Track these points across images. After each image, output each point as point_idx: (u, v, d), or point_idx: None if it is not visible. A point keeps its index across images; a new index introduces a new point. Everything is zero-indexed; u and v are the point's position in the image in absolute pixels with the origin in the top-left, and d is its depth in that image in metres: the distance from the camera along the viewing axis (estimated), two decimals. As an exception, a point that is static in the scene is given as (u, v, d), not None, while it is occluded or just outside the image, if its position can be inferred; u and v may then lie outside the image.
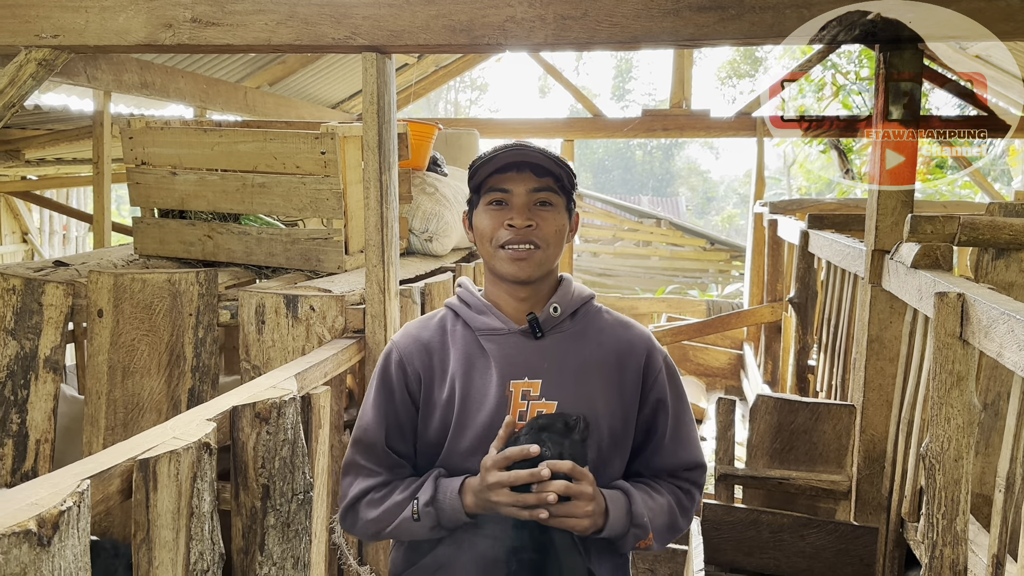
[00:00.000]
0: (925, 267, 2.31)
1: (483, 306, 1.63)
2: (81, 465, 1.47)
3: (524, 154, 1.54)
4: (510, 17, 2.56)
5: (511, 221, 1.54)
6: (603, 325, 1.66)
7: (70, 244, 9.98)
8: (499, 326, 1.60)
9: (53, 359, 2.89)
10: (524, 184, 1.55)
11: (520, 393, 1.55)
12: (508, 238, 1.55)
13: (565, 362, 1.59)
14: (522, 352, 1.58)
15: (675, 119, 7.21)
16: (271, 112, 6.30)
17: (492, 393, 1.55)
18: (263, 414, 1.85)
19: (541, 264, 1.57)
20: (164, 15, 2.69)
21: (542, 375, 1.57)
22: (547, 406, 1.55)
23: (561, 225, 1.59)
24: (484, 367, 1.58)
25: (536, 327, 1.59)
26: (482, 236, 1.59)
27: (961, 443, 1.87)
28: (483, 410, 1.56)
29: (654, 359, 1.64)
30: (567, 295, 1.64)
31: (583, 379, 1.58)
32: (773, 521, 2.71)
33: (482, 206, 1.59)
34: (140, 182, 3.48)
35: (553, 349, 1.59)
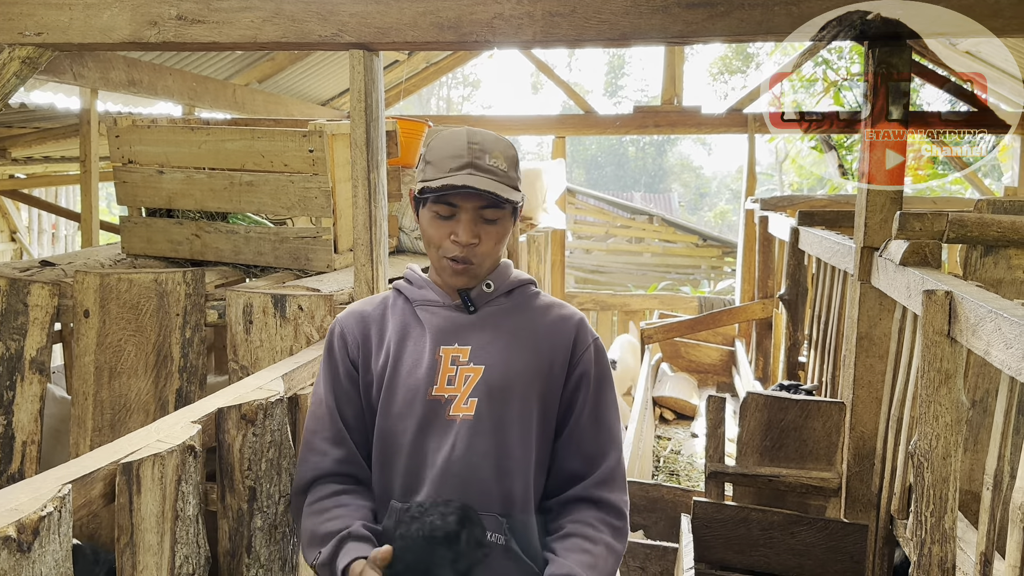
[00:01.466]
0: (914, 264, 2.31)
1: (423, 281, 1.73)
2: (63, 469, 1.46)
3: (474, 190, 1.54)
4: (498, 14, 2.55)
5: (456, 238, 1.59)
6: (537, 305, 1.72)
7: (59, 243, 9.93)
8: (435, 299, 1.69)
9: (39, 360, 2.87)
10: (473, 203, 1.58)
11: (449, 358, 1.62)
12: (452, 252, 1.60)
13: (495, 332, 1.66)
14: (454, 322, 1.66)
15: (666, 115, 7.21)
16: (260, 109, 6.27)
17: (424, 358, 1.63)
18: (249, 416, 1.84)
19: (477, 276, 1.66)
20: (149, 12, 2.67)
21: (471, 341, 1.63)
22: (475, 370, 1.61)
23: (504, 232, 1.65)
24: (419, 335, 1.66)
25: (468, 301, 1.67)
26: (428, 240, 1.65)
27: (949, 441, 1.87)
28: (414, 374, 1.62)
29: (583, 337, 1.69)
30: (502, 275, 1.72)
31: (511, 346, 1.64)
32: (763, 519, 2.71)
33: (429, 209, 1.62)
34: (127, 181, 3.46)
35: (484, 319, 1.67)
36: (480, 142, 1.61)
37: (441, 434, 1.58)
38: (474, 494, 1.55)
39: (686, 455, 5.78)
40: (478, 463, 1.57)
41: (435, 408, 1.59)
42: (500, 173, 1.59)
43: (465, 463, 1.56)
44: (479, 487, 1.56)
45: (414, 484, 1.58)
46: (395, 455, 1.62)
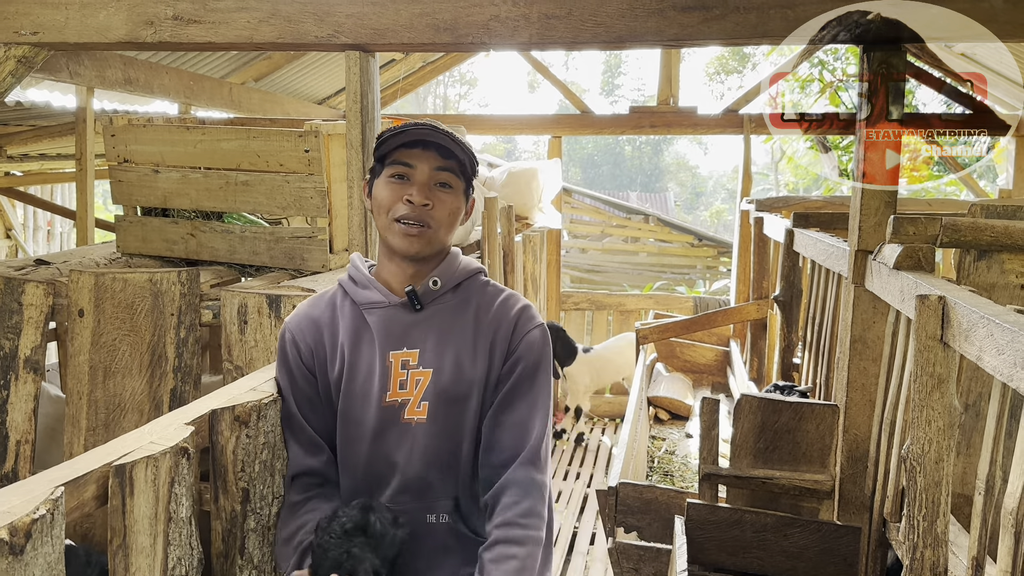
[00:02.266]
0: (907, 268, 2.32)
1: (367, 280, 1.71)
2: (56, 471, 1.46)
3: (432, 134, 1.60)
4: (494, 16, 2.55)
5: (410, 197, 1.61)
6: (484, 298, 1.72)
7: (54, 240, 9.91)
8: (380, 299, 1.68)
9: (33, 359, 2.86)
10: (428, 162, 1.62)
11: (400, 363, 1.64)
12: (404, 212, 1.61)
13: (442, 332, 1.66)
14: (401, 324, 1.66)
15: (662, 116, 7.21)
16: (256, 108, 6.27)
17: (376, 364, 1.64)
18: (243, 417, 1.84)
19: (431, 243, 1.65)
20: (145, 12, 2.67)
21: (419, 344, 1.65)
22: (424, 373, 1.63)
23: (456, 208, 1.67)
24: (369, 340, 1.67)
25: (415, 300, 1.67)
26: (379, 206, 1.65)
27: (942, 445, 1.88)
28: (368, 381, 1.65)
29: (522, 324, 1.69)
30: (450, 269, 1.71)
31: (458, 346, 1.66)
32: (756, 520, 2.72)
33: (384, 177, 1.65)
34: (122, 180, 3.45)
35: (431, 320, 1.67)
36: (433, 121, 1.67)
37: (398, 438, 1.64)
38: (430, 487, 1.65)
39: (680, 456, 5.78)
40: (433, 462, 1.64)
41: (390, 414, 1.64)
42: (456, 139, 1.63)
43: (423, 464, 1.64)
44: (436, 480, 1.65)
45: (377, 486, 1.67)
46: (357, 460, 1.68)
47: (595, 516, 5.52)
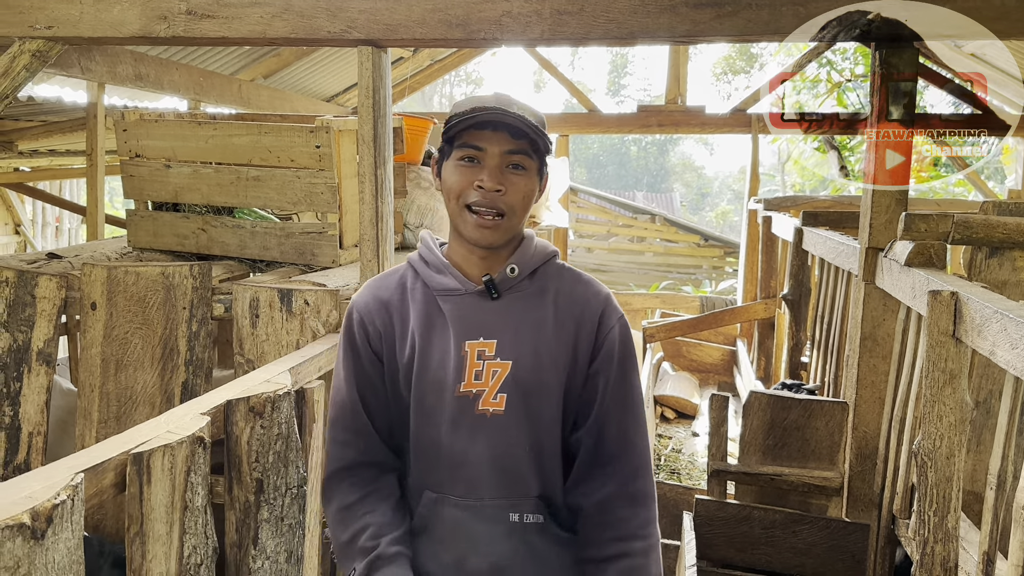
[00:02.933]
0: (919, 265, 2.32)
1: (441, 265, 1.63)
2: (75, 458, 1.47)
3: (503, 115, 1.50)
4: (506, 12, 2.56)
5: (481, 182, 1.52)
6: (561, 284, 1.65)
7: (63, 236, 9.94)
8: (456, 286, 1.60)
9: (46, 352, 2.88)
10: (499, 144, 1.53)
11: (476, 353, 1.57)
12: (476, 199, 1.53)
13: (521, 322, 1.59)
14: (478, 312, 1.59)
15: (670, 115, 7.21)
16: (266, 105, 6.28)
17: (450, 352, 1.57)
18: (257, 408, 1.85)
19: (507, 232, 1.57)
20: (159, 7, 2.68)
21: (497, 335, 1.57)
22: (502, 365, 1.56)
23: (530, 190, 1.58)
24: (442, 327, 1.59)
25: (492, 288, 1.60)
26: (449, 191, 1.57)
27: (953, 441, 1.88)
28: (441, 369, 1.57)
29: (608, 317, 1.63)
30: (526, 255, 1.63)
31: (537, 337, 1.59)
32: (765, 517, 2.72)
33: (453, 160, 1.56)
34: (134, 175, 3.47)
35: (509, 309, 1.60)
36: (507, 97, 1.57)
37: (472, 429, 1.57)
38: (511, 482, 1.57)
39: (687, 454, 5.78)
40: (512, 455, 1.57)
41: (464, 404, 1.56)
42: (529, 119, 1.53)
43: (500, 456, 1.57)
44: (515, 476, 1.58)
45: (451, 478, 1.59)
46: (429, 450, 1.60)
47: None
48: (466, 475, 1.57)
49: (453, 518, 1.59)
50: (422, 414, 1.60)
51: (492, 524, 1.57)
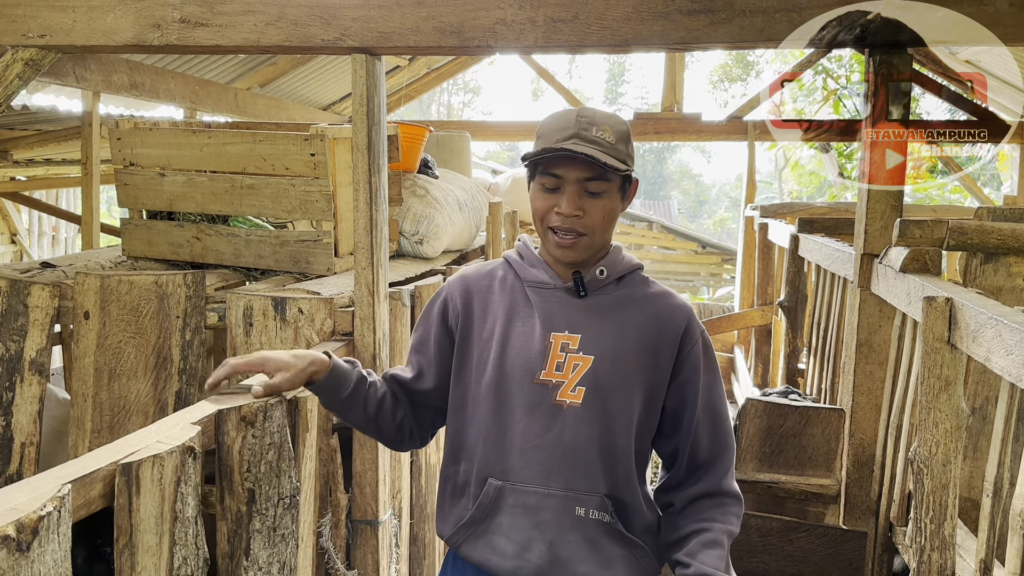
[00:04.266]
0: (914, 271, 2.31)
1: (535, 259, 1.73)
2: (63, 469, 1.45)
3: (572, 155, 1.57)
4: (500, 19, 2.55)
5: (559, 209, 1.61)
6: (647, 292, 1.72)
7: (59, 245, 9.93)
8: (547, 280, 1.69)
9: (39, 361, 2.87)
10: (576, 172, 1.60)
11: (559, 345, 1.64)
12: (556, 223, 1.62)
13: (605, 320, 1.66)
14: (564, 307, 1.67)
15: (667, 123, 7.22)
16: (262, 114, 6.28)
17: (535, 341, 1.65)
18: (249, 417, 1.84)
19: (587, 249, 1.65)
20: (152, 15, 2.67)
21: (581, 330, 1.64)
22: (584, 359, 1.62)
23: (611, 209, 1.65)
24: (527, 315, 1.68)
25: (580, 285, 1.67)
26: (535, 213, 1.67)
27: (949, 447, 1.87)
28: (523, 356, 1.64)
29: (692, 330, 1.70)
30: (615, 261, 1.72)
31: (620, 338, 1.65)
32: (762, 525, 2.71)
33: (536, 184, 1.66)
34: (128, 183, 3.46)
35: (595, 308, 1.68)
36: (589, 115, 1.63)
37: (548, 418, 1.63)
38: (580, 476, 1.62)
39: (685, 462, 5.76)
40: (585, 448, 1.62)
41: (542, 392, 1.63)
42: (606, 144, 1.60)
43: (572, 448, 1.62)
44: (585, 470, 1.63)
45: (519, 465, 1.64)
46: (499, 435, 1.66)
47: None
48: (535, 463, 1.63)
49: (519, 506, 1.64)
50: (497, 396, 1.66)
51: (558, 515, 1.62)
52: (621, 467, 1.66)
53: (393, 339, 2.98)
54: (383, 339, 2.79)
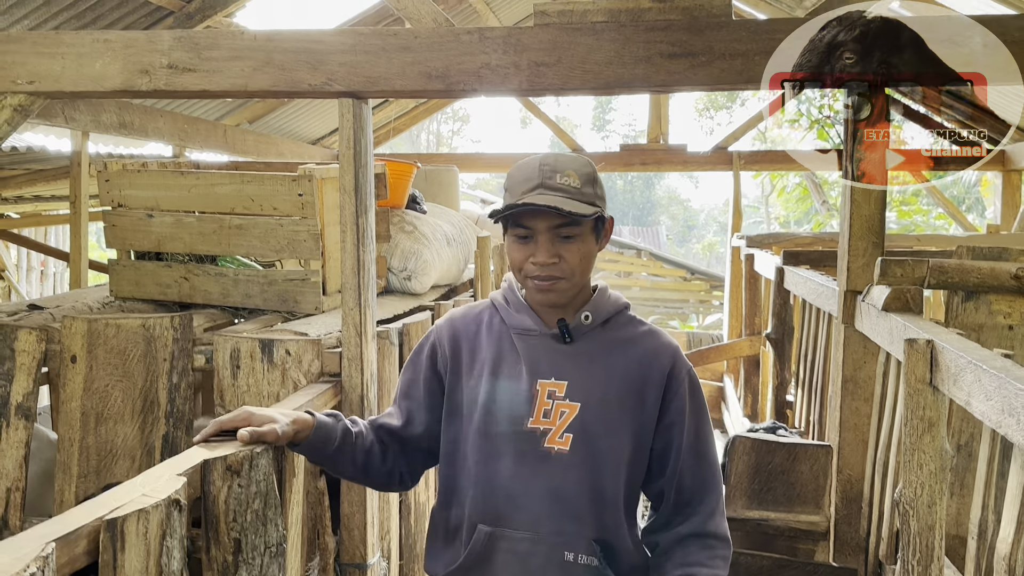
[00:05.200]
0: (896, 310, 2.34)
1: (520, 304, 1.73)
2: (46, 527, 1.45)
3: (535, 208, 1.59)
4: (485, 64, 2.59)
5: (534, 259, 1.63)
6: (633, 334, 1.74)
7: (48, 281, 9.89)
8: (532, 327, 1.70)
9: (25, 406, 2.85)
10: (544, 222, 1.62)
11: (546, 392, 1.65)
12: (534, 272, 1.63)
13: (592, 366, 1.67)
14: (550, 354, 1.68)
15: (652, 153, 7.29)
16: (251, 150, 6.31)
17: (522, 388, 1.65)
18: (234, 467, 1.83)
19: (567, 291, 1.67)
20: (140, 61, 2.70)
21: (568, 376, 1.65)
22: (571, 406, 1.63)
23: (587, 251, 1.66)
24: (514, 362, 1.68)
25: (566, 332, 1.68)
26: (512, 264, 1.69)
27: (934, 489, 1.88)
28: (511, 403, 1.65)
29: (678, 370, 1.71)
30: (600, 304, 1.73)
31: (607, 383, 1.67)
32: (752, 563, 2.71)
33: (510, 236, 1.67)
34: (116, 224, 3.47)
35: (581, 353, 1.68)
36: (552, 163, 1.64)
37: (537, 464, 1.64)
38: (569, 522, 1.63)
39: (676, 493, 5.75)
40: (574, 494, 1.63)
41: (530, 439, 1.64)
42: (572, 190, 1.61)
43: (561, 494, 1.63)
44: (574, 515, 1.64)
45: (509, 511, 1.65)
46: (489, 482, 1.66)
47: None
48: (524, 510, 1.64)
49: (508, 552, 1.64)
50: (486, 444, 1.67)
51: (547, 561, 1.63)
52: (609, 511, 1.67)
53: (381, 379, 2.98)
54: (371, 379, 2.80)
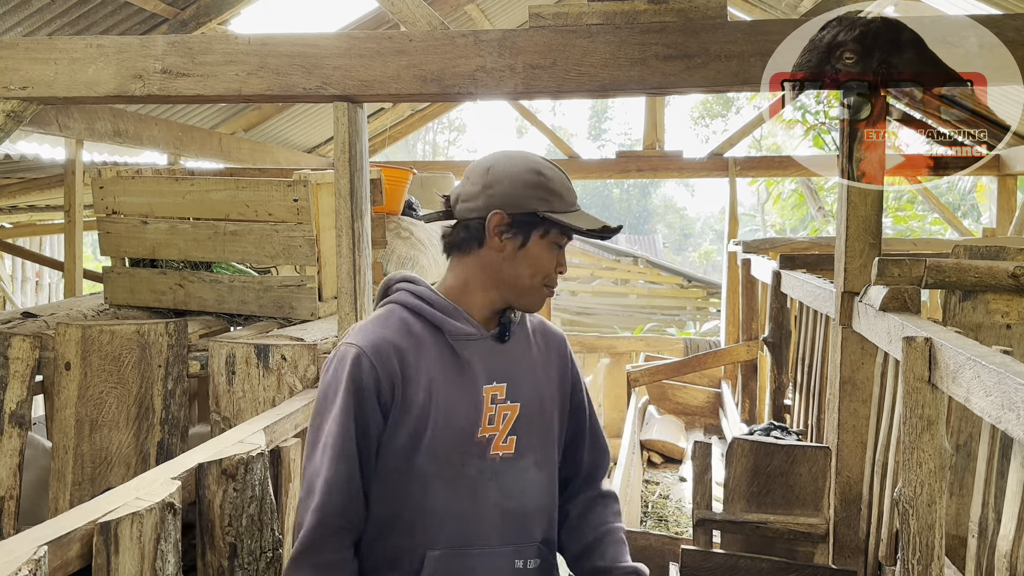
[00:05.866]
0: (893, 310, 2.33)
1: (453, 309, 1.61)
2: (39, 530, 1.43)
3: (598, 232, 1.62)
4: (480, 67, 2.59)
5: (561, 268, 1.65)
6: (533, 324, 1.76)
7: (43, 291, 9.86)
8: (473, 331, 1.61)
9: (19, 414, 2.83)
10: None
11: (490, 397, 1.60)
12: (554, 281, 1.65)
13: (523, 362, 1.67)
14: (491, 356, 1.63)
15: (648, 160, 7.29)
16: (246, 158, 6.30)
17: (469, 399, 1.59)
18: (229, 471, 1.82)
19: None
20: (134, 66, 2.69)
21: (507, 378, 1.63)
22: (512, 408, 1.61)
23: None
24: (458, 372, 1.58)
25: (506, 332, 1.65)
26: (538, 268, 1.60)
27: (934, 488, 1.87)
28: (461, 417, 1.57)
29: (567, 348, 1.79)
30: None
31: (535, 377, 1.68)
32: (752, 566, 2.69)
33: (548, 240, 1.60)
34: (111, 231, 3.46)
35: (512, 352, 1.66)
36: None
37: (486, 474, 1.58)
38: (517, 529, 1.61)
39: (675, 500, 5.73)
40: (524, 498, 1.62)
41: (481, 450, 1.58)
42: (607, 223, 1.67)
43: (509, 500, 1.60)
44: (521, 521, 1.62)
45: (461, 529, 1.57)
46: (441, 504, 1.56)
47: (589, 563, 5.44)
48: (478, 524, 1.58)
49: (463, 570, 1.57)
50: (436, 466, 1.55)
51: (499, 573, 1.60)
52: (550, 507, 1.69)
53: (378, 384, 2.96)
54: (367, 385, 2.78)
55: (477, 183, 1.63)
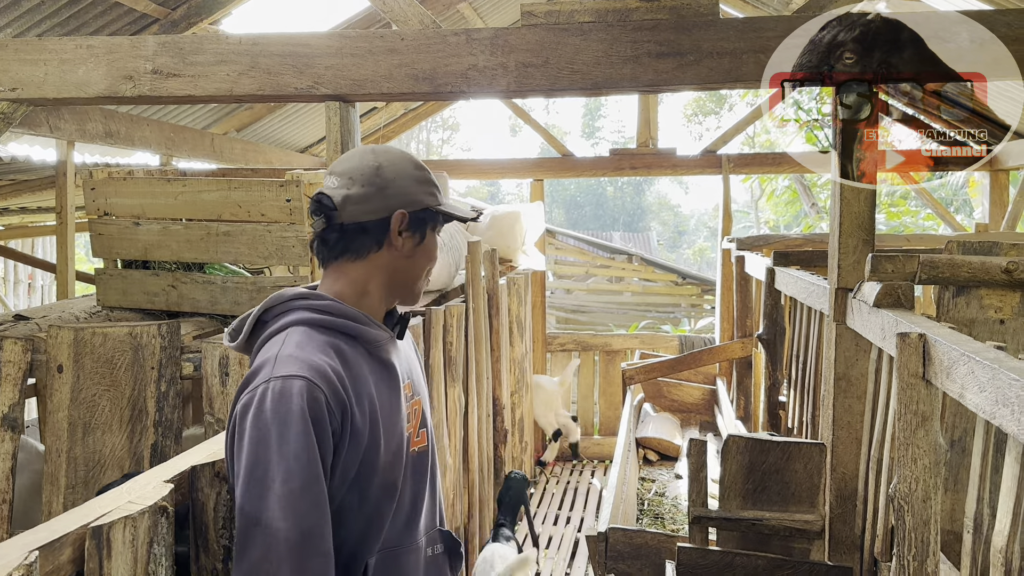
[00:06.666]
0: (887, 306, 2.33)
1: (365, 317, 1.55)
2: (30, 535, 1.42)
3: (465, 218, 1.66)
4: (472, 65, 2.58)
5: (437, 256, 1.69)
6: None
7: (36, 293, 9.82)
8: (383, 335, 1.57)
9: (11, 417, 2.82)
10: None
11: (405, 395, 1.62)
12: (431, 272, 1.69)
13: (411, 357, 1.73)
14: (397, 356, 1.64)
15: (642, 158, 7.28)
16: (239, 158, 6.28)
17: (397, 402, 1.59)
18: (223, 473, 1.81)
19: None
20: (125, 67, 2.68)
21: (410, 375, 1.68)
22: (417, 403, 1.66)
23: None
24: (385, 378, 1.57)
25: (404, 328, 1.67)
26: (428, 262, 1.64)
27: (929, 483, 1.87)
28: (397, 422, 1.57)
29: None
30: None
31: (418, 367, 1.75)
32: (747, 563, 2.69)
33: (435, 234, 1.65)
34: (103, 233, 3.44)
35: (403, 348, 1.70)
36: None
37: (414, 471, 1.63)
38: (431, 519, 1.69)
39: (671, 497, 5.74)
40: (433, 489, 1.70)
41: (405, 446, 1.61)
42: None
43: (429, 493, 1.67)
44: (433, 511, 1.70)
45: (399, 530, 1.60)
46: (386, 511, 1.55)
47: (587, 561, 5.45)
48: (410, 521, 1.63)
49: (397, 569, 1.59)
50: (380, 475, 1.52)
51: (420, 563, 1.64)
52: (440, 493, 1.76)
53: (372, 384, 2.96)
54: (362, 385, 2.77)
55: (368, 184, 1.53)
